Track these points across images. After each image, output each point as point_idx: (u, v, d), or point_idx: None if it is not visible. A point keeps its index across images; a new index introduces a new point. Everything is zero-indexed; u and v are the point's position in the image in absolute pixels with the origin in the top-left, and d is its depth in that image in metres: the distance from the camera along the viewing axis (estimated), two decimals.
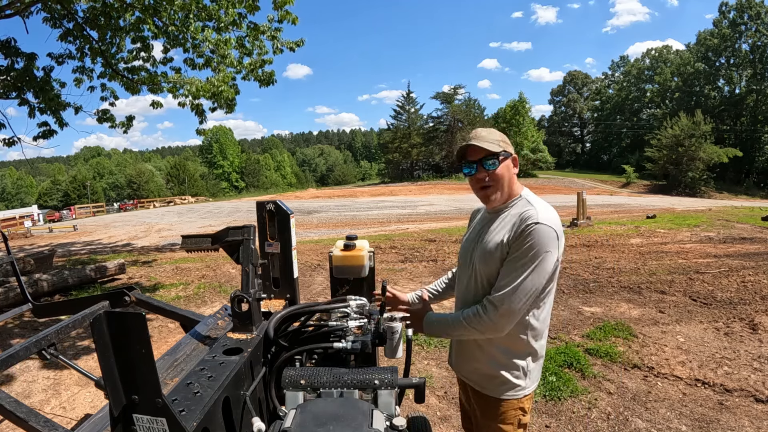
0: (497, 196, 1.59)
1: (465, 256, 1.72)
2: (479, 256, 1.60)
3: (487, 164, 1.56)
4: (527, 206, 1.54)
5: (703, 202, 30.52)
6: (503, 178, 1.57)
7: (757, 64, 51.62)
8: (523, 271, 1.45)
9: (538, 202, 1.56)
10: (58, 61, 7.46)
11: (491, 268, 1.55)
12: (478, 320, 1.51)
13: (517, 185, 1.63)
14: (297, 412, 1.22)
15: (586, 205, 13.77)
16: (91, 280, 7.41)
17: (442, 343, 4.49)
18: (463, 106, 59.45)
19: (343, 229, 15.30)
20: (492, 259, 1.54)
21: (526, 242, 1.45)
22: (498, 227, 1.58)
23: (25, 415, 1.51)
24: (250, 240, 1.81)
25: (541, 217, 1.47)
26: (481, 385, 1.66)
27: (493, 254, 1.53)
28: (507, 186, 1.59)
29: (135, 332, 0.88)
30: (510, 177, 1.59)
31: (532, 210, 1.50)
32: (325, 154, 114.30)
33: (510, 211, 1.59)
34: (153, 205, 47.04)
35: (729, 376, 3.66)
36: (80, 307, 2.20)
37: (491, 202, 1.62)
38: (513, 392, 1.60)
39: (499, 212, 1.62)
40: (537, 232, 1.45)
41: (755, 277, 6.56)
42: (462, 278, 1.73)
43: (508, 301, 1.46)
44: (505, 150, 1.58)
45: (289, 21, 7.27)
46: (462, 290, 1.72)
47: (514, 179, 1.61)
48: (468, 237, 1.76)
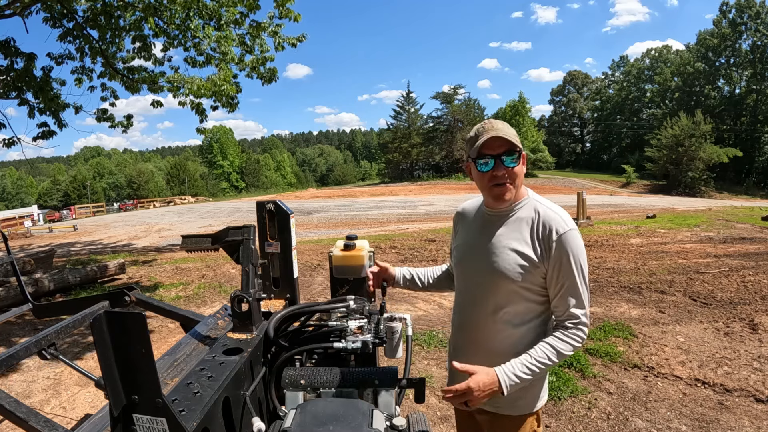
0: (511, 195, 1.47)
1: (464, 262, 1.59)
2: (493, 265, 1.47)
3: (507, 160, 1.42)
4: (542, 209, 1.46)
5: (703, 202, 30.51)
6: (520, 176, 1.47)
7: (757, 64, 51.61)
8: (581, 281, 1.42)
9: (551, 205, 1.50)
10: (57, 62, 7.47)
11: (512, 279, 1.44)
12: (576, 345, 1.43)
13: (523, 186, 1.55)
14: (297, 412, 1.22)
15: (586, 205, 13.77)
16: (91, 280, 7.41)
17: (442, 343, 4.49)
18: (463, 106, 59.45)
19: (343, 229, 15.30)
20: (513, 272, 1.43)
21: (568, 252, 1.41)
22: (509, 232, 1.48)
23: (25, 415, 1.50)
24: (250, 240, 1.81)
25: (568, 222, 1.43)
26: (497, 406, 1.53)
27: (515, 265, 1.43)
28: (520, 185, 1.50)
29: (135, 332, 0.88)
30: (522, 178, 1.50)
31: (552, 215, 1.44)
32: (325, 154, 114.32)
33: (518, 213, 1.49)
34: (153, 205, 47.03)
35: (729, 376, 3.66)
36: (80, 307, 2.19)
37: (503, 202, 1.48)
38: (533, 405, 1.54)
39: (504, 215, 1.50)
40: (575, 238, 1.42)
41: (755, 277, 6.56)
42: (464, 286, 1.60)
43: (587, 309, 1.45)
44: (520, 146, 1.47)
45: (291, 18, 7.25)
46: (466, 299, 1.59)
47: (522, 180, 1.53)
48: (466, 241, 1.60)
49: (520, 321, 1.49)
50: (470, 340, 1.59)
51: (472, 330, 1.57)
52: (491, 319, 1.50)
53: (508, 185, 1.45)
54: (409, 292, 6.50)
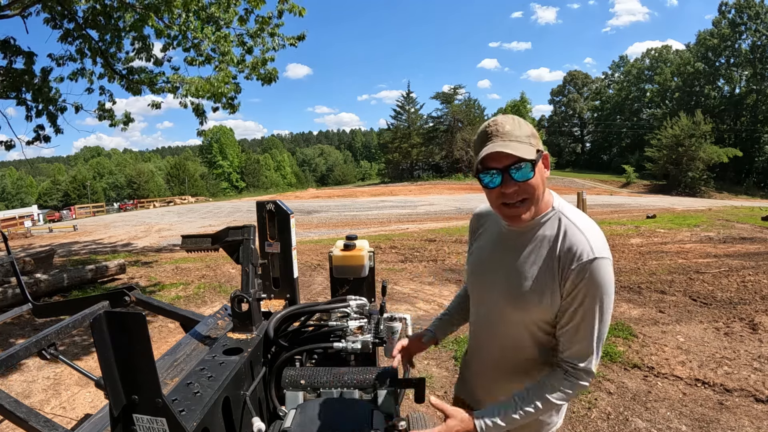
0: (529, 214, 1.19)
1: (480, 283, 1.37)
2: (507, 294, 1.26)
3: (518, 174, 1.13)
4: (570, 229, 1.18)
5: (703, 202, 30.51)
6: (538, 189, 1.17)
7: (757, 64, 51.59)
8: (599, 322, 1.16)
9: (582, 222, 1.20)
10: (58, 63, 7.47)
11: (526, 311, 1.23)
12: (568, 394, 1.20)
13: (547, 191, 1.24)
14: (297, 412, 1.22)
15: (586, 205, 13.74)
16: (91, 280, 7.41)
17: (442, 343, 4.48)
18: (463, 106, 59.40)
19: (343, 229, 15.29)
20: (527, 301, 1.21)
21: (590, 287, 1.13)
22: (529, 254, 1.23)
23: (25, 415, 1.50)
24: (250, 240, 1.81)
25: (597, 248, 1.14)
26: None
27: (530, 296, 1.21)
28: (540, 197, 1.20)
29: (135, 332, 0.88)
30: (543, 185, 1.20)
31: (579, 236, 1.16)
32: (325, 154, 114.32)
33: (542, 230, 1.22)
34: (153, 205, 47.02)
35: (729, 376, 3.66)
36: (80, 307, 2.20)
37: (520, 222, 1.21)
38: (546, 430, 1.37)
39: (525, 231, 1.25)
40: (599, 270, 1.12)
41: (755, 277, 6.56)
42: (479, 311, 1.41)
43: (596, 356, 1.19)
44: (538, 149, 1.16)
45: (296, 13, 7.18)
46: (480, 326, 1.41)
47: (546, 185, 1.22)
48: (481, 257, 1.38)
49: (531, 355, 1.30)
50: (479, 360, 1.46)
51: (483, 351, 1.43)
52: (499, 345, 1.35)
53: (525, 202, 1.17)
54: (408, 292, 6.50)
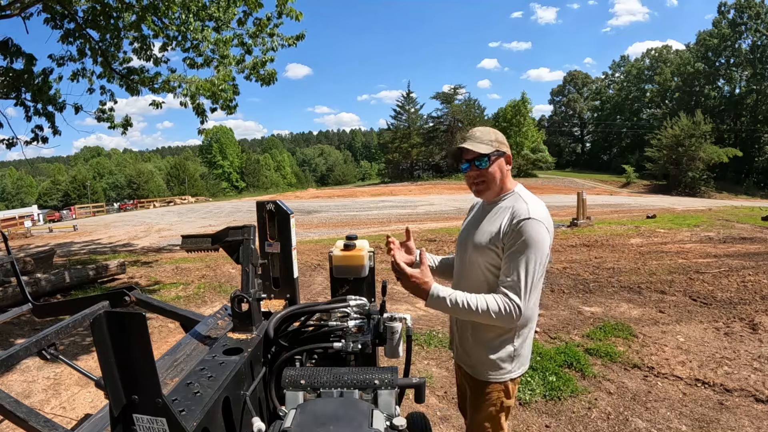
0: (488, 192, 1.72)
1: (461, 242, 1.84)
2: (473, 244, 1.72)
3: (478, 164, 1.67)
4: (519, 201, 1.65)
5: (703, 202, 30.50)
6: (495, 174, 1.69)
7: (756, 64, 51.59)
8: (525, 266, 1.53)
9: (529, 198, 1.67)
10: (59, 63, 7.46)
11: (483, 255, 1.67)
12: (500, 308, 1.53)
13: (510, 181, 1.75)
14: (297, 412, 1.22)
15: (586, 204, 13.77)
16: (91, 280, 7.40)
17: (442, 343, 4.49)
18: (463, 106, 59.42)
19: (343, 229, 15.29)
20: (484, 248, 1.66)
21: (520, 237, 1.55)
22: (492, 218, 1.71)
23: (25, 415, 1.51)
24: (250, 240, 1.81)
25: (533, 213, 1.57)
26: (472, 368, 1.77)
27: (486, 244, 1.66)
28: (499, 182, 1.71)
29: (135, 332, 0.88)
30: (502, 174, 1.71)
31: (523, 205, 1.62)
32: (325, 154, 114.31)
33: (503, 204, 1.71)
34: (153, 205, 47.02)
35: (729, 376, 3.66)
36: (80, 307, 2.20)
37: (483, 197, 1.77)
38: (498, 375, 1.71)
39: (493, 204, 1.75)
40: (530, 227, 1.55)
41: (755, 277, 6.57)
42: (458, 262, 1.86)
43: (523, 295, 1.53)
44: (498, 149, 1.68)
45: (293, 17, 7.20)
46: (457, 273, 1.85)
47: (508, 175, 1.73)
48: (465, 226, 1.89)
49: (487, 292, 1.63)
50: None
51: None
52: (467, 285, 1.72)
53: (484, 183, 1.70)
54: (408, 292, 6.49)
